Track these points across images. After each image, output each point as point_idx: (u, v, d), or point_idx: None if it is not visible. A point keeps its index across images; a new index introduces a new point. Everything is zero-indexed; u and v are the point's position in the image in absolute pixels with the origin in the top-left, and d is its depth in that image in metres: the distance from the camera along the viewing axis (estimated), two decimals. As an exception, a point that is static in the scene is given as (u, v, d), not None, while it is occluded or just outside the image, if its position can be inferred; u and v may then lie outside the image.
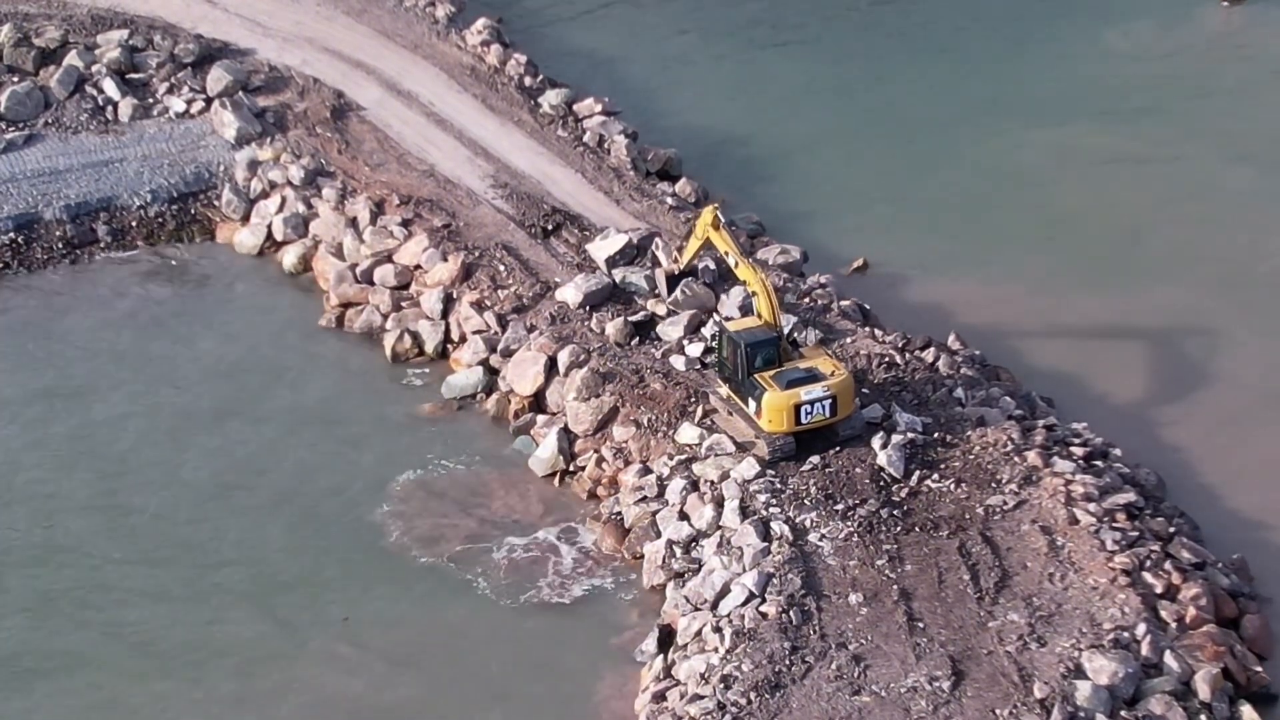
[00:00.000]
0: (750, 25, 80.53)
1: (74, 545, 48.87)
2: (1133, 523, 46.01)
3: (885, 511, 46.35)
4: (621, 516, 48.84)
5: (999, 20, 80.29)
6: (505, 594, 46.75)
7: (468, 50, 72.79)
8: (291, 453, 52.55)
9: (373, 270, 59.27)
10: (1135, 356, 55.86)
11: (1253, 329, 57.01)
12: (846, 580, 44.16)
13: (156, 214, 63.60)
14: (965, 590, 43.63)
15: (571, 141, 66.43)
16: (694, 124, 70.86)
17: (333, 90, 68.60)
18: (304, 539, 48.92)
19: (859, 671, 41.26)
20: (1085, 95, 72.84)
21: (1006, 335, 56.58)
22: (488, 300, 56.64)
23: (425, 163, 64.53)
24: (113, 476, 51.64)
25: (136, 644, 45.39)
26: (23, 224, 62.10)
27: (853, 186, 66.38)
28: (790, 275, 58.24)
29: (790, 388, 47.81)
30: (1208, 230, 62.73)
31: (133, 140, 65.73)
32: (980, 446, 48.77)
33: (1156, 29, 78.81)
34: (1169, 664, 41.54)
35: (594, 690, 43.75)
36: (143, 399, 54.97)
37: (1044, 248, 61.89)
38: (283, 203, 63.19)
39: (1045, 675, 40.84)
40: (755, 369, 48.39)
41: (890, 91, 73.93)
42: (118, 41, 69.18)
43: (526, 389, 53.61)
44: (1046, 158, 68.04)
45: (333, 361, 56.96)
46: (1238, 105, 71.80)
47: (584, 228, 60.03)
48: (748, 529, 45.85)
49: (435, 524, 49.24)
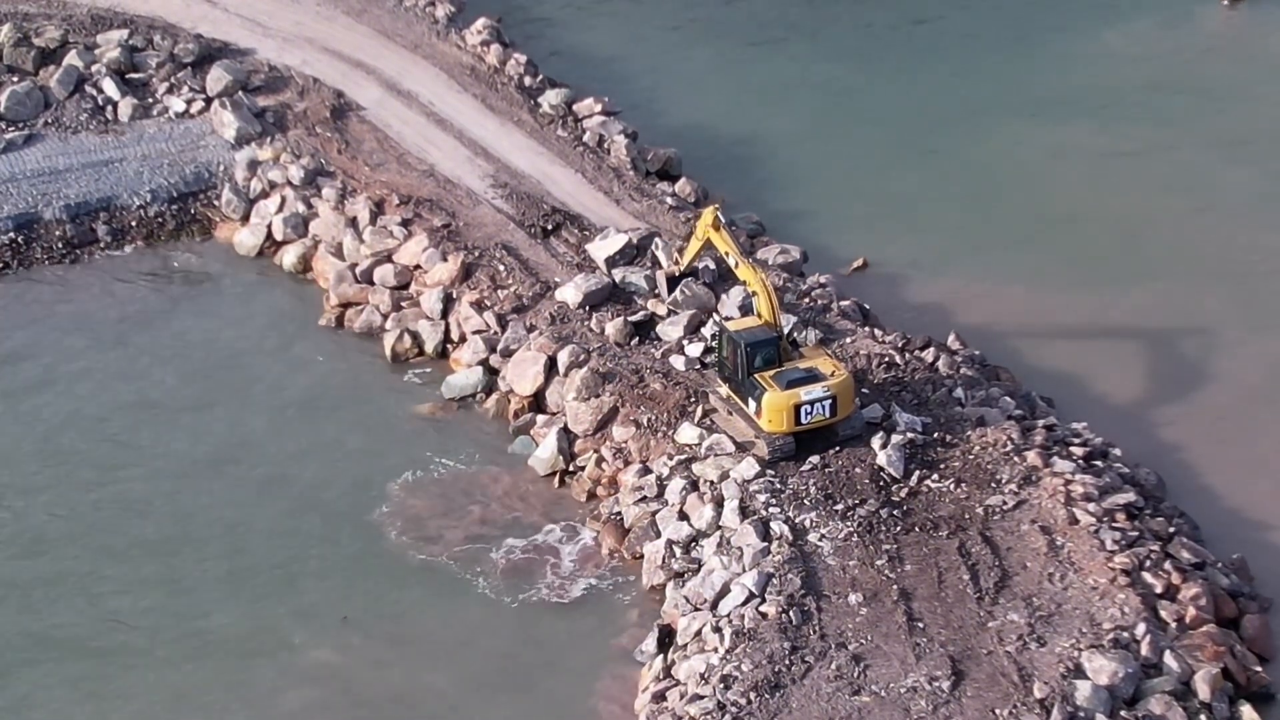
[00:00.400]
0: (750, 25, 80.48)
1: (68, 538, 48.87)
2: (1132, 523, 46.01)
3: (885, 511, 46.33)
4: (621, 516, 48.82)
5: (1000, 20, 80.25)
6: (505, 594, 46.74)
7: (467, 50, 72.74)
8: (289, 451, 52.52)
9: (372, 270, 59.25)
10: (1135, 356, 55.85)
11: (1253, 328, 56.99)
12: (846, 580, 44.15)
13: (156, 214, 63.58)
14: (965, 590, 43.62)
15: (571, 141, 66.39)
16: (694, 124, 70.82)
17: (332, 90, 68.56)
18: (303, 538, 48.91)
19: (859, 671, 41.24)
20: (1085, 94, 72.79)
21: (1006, 335, 56.57)
22: (487, 300, 56.62)
23: (425, 163, 64.49)
24: (110, 471, 51.61)
25: (132, 640, 45.36)
26: (23, 224, 62.07)
27: (853, 186, 66.35)
28: (790, 275, 58.21)
29: (790, 388, 47.78)
30: (1208, 230, 62.72)
31: (132, 140, 65.69)
32: (980, 446, 48.76)
33: (1156, 28, 78.77)
34: (1169, 664, 41.53)
35: (593, 690, 43.74)
36: (142, 398, 54.94)
37: (1044, 247, 61.86)
38: (282, 202, 63.16)
39: (1045, 675, 40.82)
40: (755, 369, 48.36)
41: (890, 91, 73.89)
42: (117, 41, 69.13)
43: (526, 389, 53.60)
44: (1047, 157, 68.01)
45: (332, 361, 56.93)
46: (1237, 105, 71.74)
47: (584, 228, 60.00)
48: (747, 529, 45.83)
49: (435, 524, 49.25)
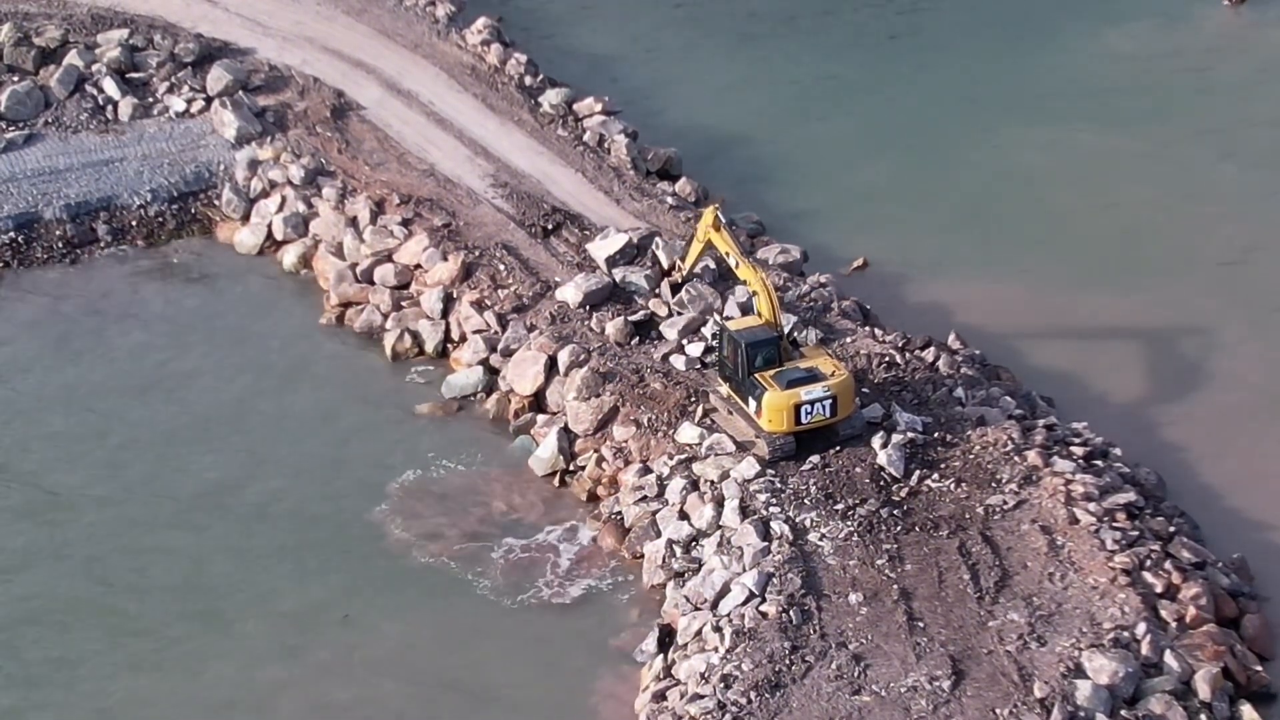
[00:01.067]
0: (750, 24, 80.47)
1: (71, 540, 48.84)
2: (1133, 522, 45.98)
3: (885, 511, 46.31)
4: (621, 516, 48.82)
5: (1003, 19, 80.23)
6: (505, 593, 46.72)
7: (468, 50, 72.73)
8: (291, 452, 52.54)
9: (373, 270, 59.24)
10: (1135, 356, 55.82)
11: (1253, 328, 56.94)
12: (846, 580, 44.13)
13: (157, 213, 63.59)
14: (965, 590, 43.60)
15: (571, 141, 66.37)
16: (694, 123, 70.81)
17: (333, 90, 68.56)
18: (303, 538, 48.89)
19: (859, 671, 41.23)
20: (1087, 94, 72.77)
21: (1007, 335, 56.53)
22: (488, 300, 56.61)
23: (425, 162, 64.48)
24: (110, 469, 51.59)
25: (132, 641, 45.34)
26: (23, 223, 62.07)
27: (853, 186, 66.33)
28: (790, 275, 58.19)
29: (791, 387, 47.73)
30: (1209, 229, 62.67)
31: (133, 140, 65.69)
32: (980, 446, 48.74)
33: (1159, 28, 78.72)
34: (1169, 663, 41.52)
35: (594, 690, 43.73)
36: (141, 397, 54.93)
37: (1045, 247, 61.83)
38: (283, 202, 63.16)
39: (1045, 675, 40.81)
40: (756, 368, 48.31)
41: (891, 90, 73.87)
42: (118, 41, 69.14)
43: (527, 389, 53.58)
44: (1048, 156, 67.96)
45: (332, 361, 56.94)
46: (1239, 104, 71.72)
47: (584, 227, 59.99)
48: (748, 528, 45.81)
49: (435, 523, 49.23)
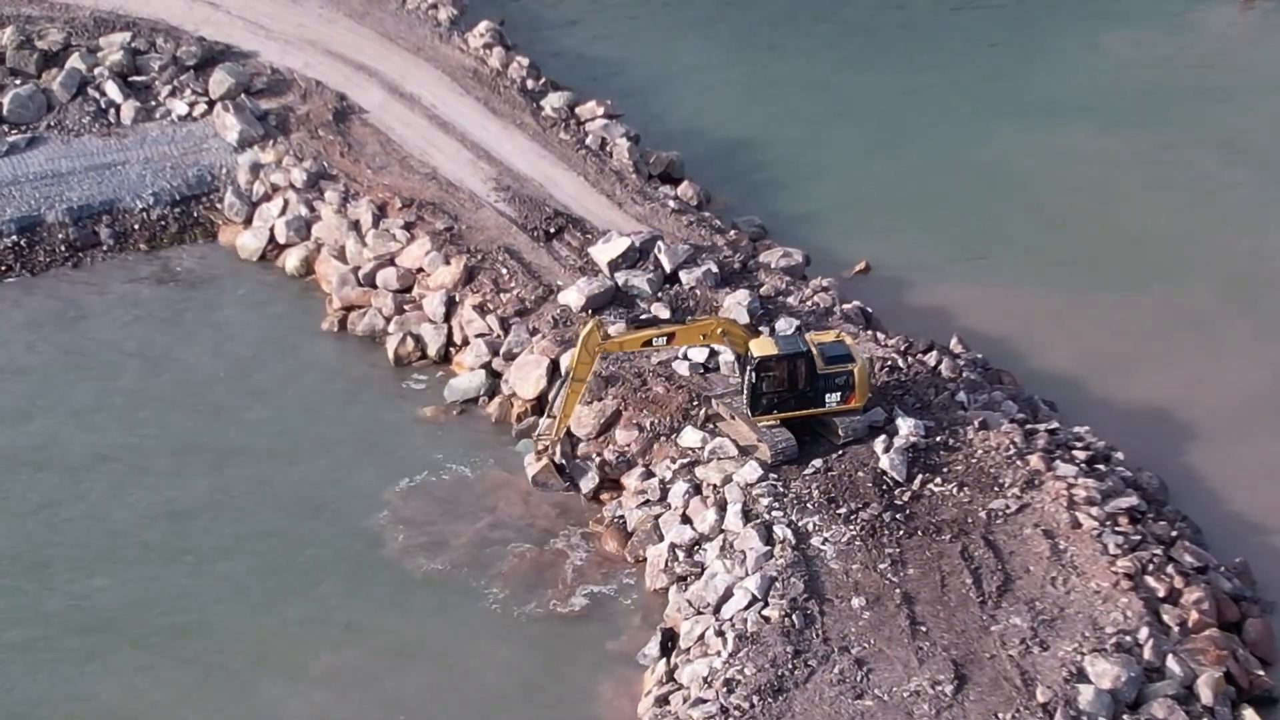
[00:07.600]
0: (752, 28, 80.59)
1: (73, 545, 48.85)
2: (1135, 526, 46.04)
3: (888, 515, 46.34)
4: (624, 520, 48.84)
5: (1007, 23, 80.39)
6: (508, 598, 46.70)
7: (470, 53, 72.77)
8: (292, 456, 52.52)
9: (375, 273, 59.28)
10: (1137, 360, 55.85)
11: (1256, 333, 57.06)
12: (849, 584, 44.17)
13: (159, 217, 63.62)
14: (968, 594, 43.63)
15: (574, 144, 66.40)
16: (696, 127, 70.90)
17: (335, 93, 68.59)
18: (305, 543, 48.88)
19: (861, 675, 41.26)
20: (1091, 97, 72.94)
21: (1009, 338, 56.61)
22: (490, 303, 56.64)
23: (427, 166, 64.52)
24: (109, 470, 51.60)
25: (131, 648, 45.34)
26: (25, 227, 62.10)
27: (855, 189, 66.40)
28: (793, 278, 58.23)
29: (832, 364, 48.63)
30: (1212, 233, 62.79)
31: (135, 143, 65.74)
32: (983, 450, 48.77)
33: (1170, 30, 78.96)
34: (1171, 668, 41.56)
35: (596, 694, 43.77)
36: (142, 400, 54.90)
37: (1047, 251, 61.90)
38: (285, 205, 63.18)
39: (1048, 679, 40.84)
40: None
41: (893, 95, 73.92)
42: (120, 44, 69.21)
43: (529, 392, 53.60)
44: (1051, 160, 68.08)
45: (334, 365, 56.96)
46: (1246, 107, 71.83)
47: (586, 231, 60.02)
48: (750, 533, 45.83)
49: (437, 528, 49.23)
